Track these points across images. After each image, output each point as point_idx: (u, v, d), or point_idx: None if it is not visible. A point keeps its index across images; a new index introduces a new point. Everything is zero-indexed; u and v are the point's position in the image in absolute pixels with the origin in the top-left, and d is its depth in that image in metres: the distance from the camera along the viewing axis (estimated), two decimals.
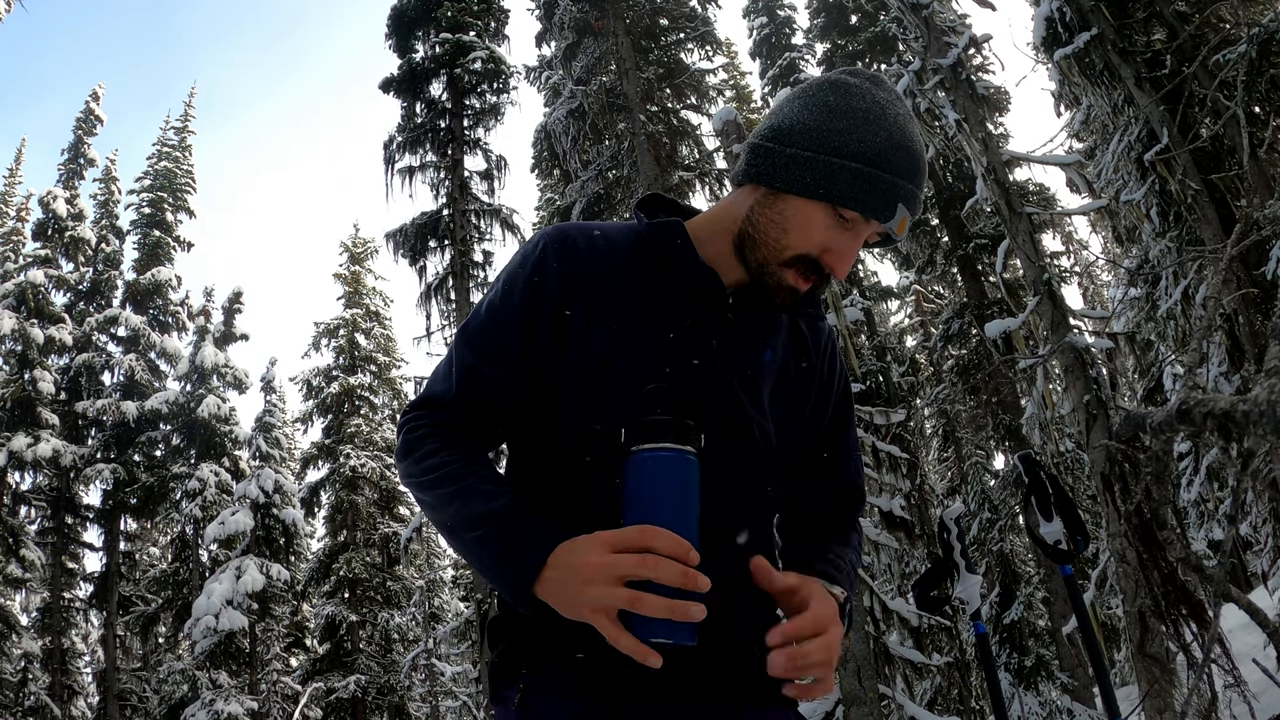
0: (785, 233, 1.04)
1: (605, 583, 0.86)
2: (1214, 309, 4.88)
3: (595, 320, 1.07)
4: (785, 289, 1.06)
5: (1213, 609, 1.42)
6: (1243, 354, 6.28)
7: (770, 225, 1.05)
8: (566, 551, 0.91)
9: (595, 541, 0.89)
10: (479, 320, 1.12)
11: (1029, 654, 11.59)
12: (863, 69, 1.10)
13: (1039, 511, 3.43)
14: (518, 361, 1.08)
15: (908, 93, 7.73)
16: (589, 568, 0.87)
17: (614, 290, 1.08)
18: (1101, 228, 13.78)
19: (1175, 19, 7.01)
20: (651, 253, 1.11)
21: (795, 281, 1.05)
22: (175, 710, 15.23)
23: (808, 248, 1.03)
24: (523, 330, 1.08)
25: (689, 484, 0.90)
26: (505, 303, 1.10)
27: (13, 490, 18.46)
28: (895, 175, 1.00)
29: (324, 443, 19.70)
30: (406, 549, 14.90)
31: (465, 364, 1.10)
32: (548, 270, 1.08)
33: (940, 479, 16.54)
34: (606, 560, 0.86)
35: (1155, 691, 4.97)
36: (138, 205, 21.87)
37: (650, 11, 11.44)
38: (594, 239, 1.12)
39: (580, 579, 0.88)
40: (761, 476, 1.12)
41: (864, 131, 1.00)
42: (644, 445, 0.90)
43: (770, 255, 1.05)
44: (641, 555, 0.85)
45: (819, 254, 1.04)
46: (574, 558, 0.90)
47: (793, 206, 1.03)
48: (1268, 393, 0.94)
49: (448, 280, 12.38)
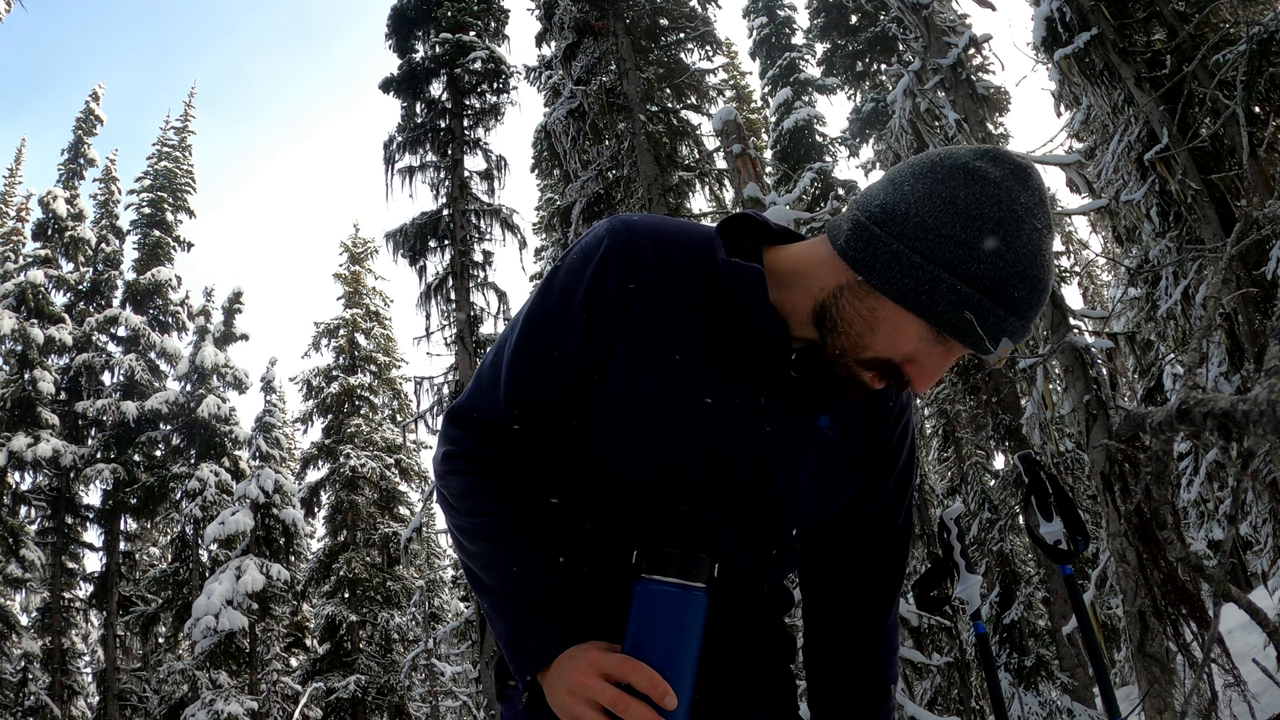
0: (872, 332, 0.93)
1: (583, 703, 0.91)
2: (1214, 309, 4.88)
3: (644, 352, 0.99)
4: (857, 384, 0.97)
5: (1213, 609, 1.42)
6: (1243, 354, 6.28)
7: (857, 319, 0.94)
8: (566, 659, 0.94)
9: (586, 660, 0.92)
10: (531, 330, 1.03)
11: (1029, 654, 11.59)
12: (1011, 154, 0.92)
13: (1039, 511, 3.43)
14: (570, 380, 1.01)
15: (908, 93, 7.73)
16: (574, 682, 0.92)
17: (671, 319, 0.99)
18: (1101, 228, 13.77)
19: (1175, 18, 7.00)
20: (718, 284, 1.00)
21: (871, 381, 0.96)
22: (175, 710, 15.22)
23: (892, 355, 0.94)
24: (581, 345, 1.00)
25: (690, 622, 0.93)
26: (563, 312, 1.00)
27: (13, 490, 18.46)
28: (1009, 311, 0.87)
29: (324, 443, 19.69)
30: (406, 549, 14.90)
31: (516, 383, 1.03)
32: (608, 289, 0.98)
33: (940, 479, 16.53)
34: (588, 683, 0.91)
35: (1155, 691, 4.97)
36: (138, 205, 21.86)
37: (650, 11, 11.43)
38: (665, 249, 1.01)
39: (565, 688, 0.93)
40: (776, 573, 1.14)
41: (987, 251, 0.86)
42: (653, 576, 0.93)
43: (850, 348, 0.95)
44: (617, 693, 0.89)
45: (902, 362, 0.94)
46: (567, 667, 0.94)
47: (886, 308, 0.91)
48: (1268, 392, 0.94)
49: (448, 280, 12.38)
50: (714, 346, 1.00)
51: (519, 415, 1.03)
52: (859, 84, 16.70)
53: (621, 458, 1.01)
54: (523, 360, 1.02)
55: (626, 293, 0.98)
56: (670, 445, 1.00)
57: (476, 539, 1.02)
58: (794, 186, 10.32)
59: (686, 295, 1.00)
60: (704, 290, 1.00)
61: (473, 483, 1.04)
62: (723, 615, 1.05)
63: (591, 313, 0.98)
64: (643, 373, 0.99)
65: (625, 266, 0.98)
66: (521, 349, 1.03)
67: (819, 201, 14.98)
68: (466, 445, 1.06)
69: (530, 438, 1.04)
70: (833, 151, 15.81)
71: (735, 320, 0.99)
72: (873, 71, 16.52)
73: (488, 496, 1.03)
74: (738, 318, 0.99)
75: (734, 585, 1.06)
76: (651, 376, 0.99)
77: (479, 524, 1.02)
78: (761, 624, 1.11)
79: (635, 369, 0.99)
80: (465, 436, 1.06)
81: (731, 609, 1.07)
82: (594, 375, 1.00)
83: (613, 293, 0.98)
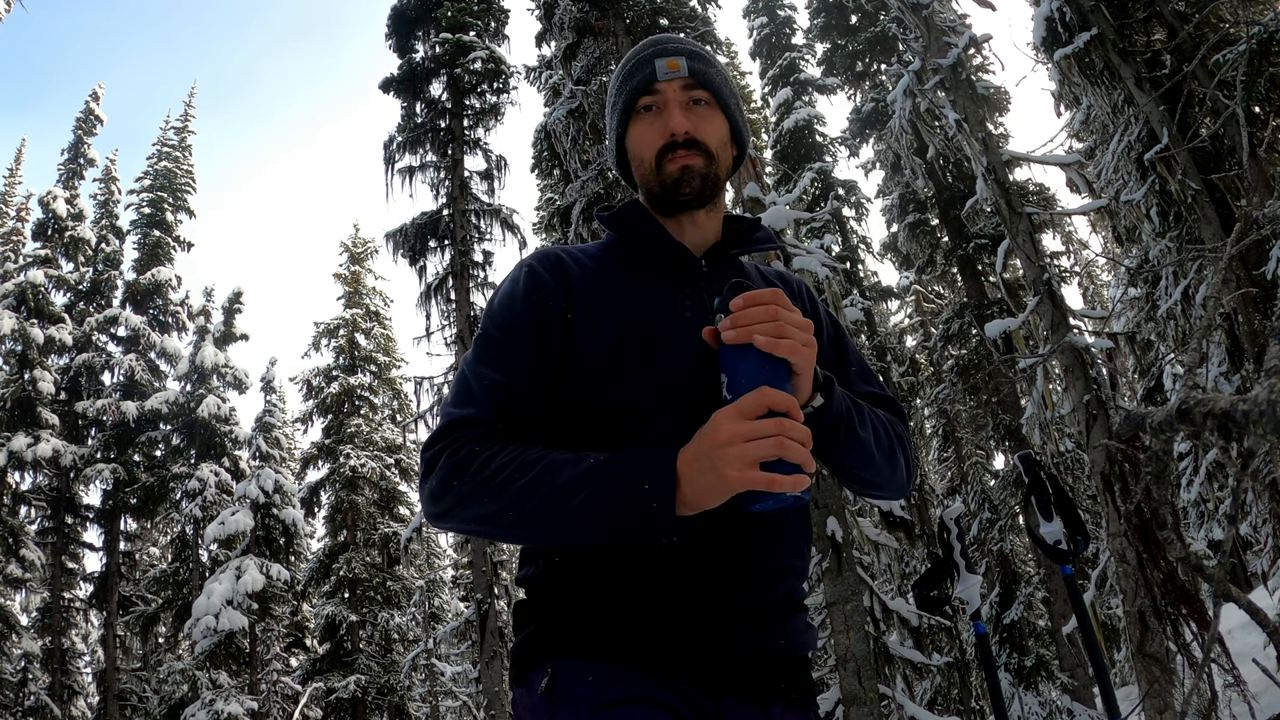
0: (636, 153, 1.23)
1: (751, 441, 0.91)
2: (1214, 309, 4.88)
3: (597, 319, 1.13)
4: (676, 180, 1.18)
5: (1213, 609, 1.42)
6: (1243, 354, 6.28)
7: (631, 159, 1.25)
8: (691, 446, 0.95)
9: (714, 423, 0.94)
10: (491, 342, 1.14)
11: (1029, 654, 11.60)
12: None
13: (1039, 511, 3.43)
14: (539, 372, 1.11)
15: (908, 93, 7.73)
16: (726, 433, 0.92)
17: (604, 288, 1.16)
18: (1101, 228, 13.77)
19: (1175, 18, 7.00)
20: (625, 245, 1.23)
21: (669, 164, 1.18)
22: (175, 710, 15.22)
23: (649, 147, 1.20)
24: (538, 341, 1.12)
25: (783, 361, 0.98)
26: (512, 320, 1.14)
27: (13, 490, 18.46)
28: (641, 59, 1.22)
29: (324, 443, 19.69)
30: (406, 549, 14.91)
31: (492, 382, 1.10)
32: (542, 283, 1.16)
33: (940, 479, 16.54)
34: (738, 428, 0.91)
35: (1155, 691, 4.96)
36: (138, 205, 21.86)
37: (650, 11, 11.43)
38: (573, 253, 1.22)
39: (717, 446, 0.92)
40: None
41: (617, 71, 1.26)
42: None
43: (644, 169, 1.22)
44: (777, 419, 0.91)
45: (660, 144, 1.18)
46: (702, 444, 0.94)
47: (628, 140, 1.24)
48: (1268, 392, 0.94)
49: (448, 280, 12.38)
50: (643, 285, 1.18)
51: (503, 411, 1.08)
52: (859, 84, 16.70)
53: (614, 402, 1.10)
54: (492, 368, 1.11)
55: (562, 287, 1.16)
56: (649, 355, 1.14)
57: (522, 472, 0.98)
58: (794, 186, 10.32)
59: (607, 268, 1.20)
60: (614, 256, 1.22)
61: (486, 447, 1.03)
62: (749, 619, 1.08)
63: (539, 312, 1.13)
64: (607, 337, 1.12)
65: (550, 270, 1.18)
66: (487, 359, 1.13)
67: (819, 201, 14.99)
68: (461, 439, 1.05)
69: (513, 432, 1.08)
70: (833, 151, 15.82)
71: (645, 255, 1.21)
72: (873, 71, 16.52)
73: (510, 449, 1.02)
74: (645, 251, 1.21)
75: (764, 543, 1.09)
76: (618, 336, 1.12)
77: (519, 464, 0.99)
78: (783, 623, 1.12)
79: (600, 337, 1.12)
80: (457, 435, 1.06)
81: (757, 614, 1.09)
82: (556, 363, 1.12)
83: (549, 290, 1.15)
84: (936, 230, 15.57)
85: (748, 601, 1.06)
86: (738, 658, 1.05)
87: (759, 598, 1.08)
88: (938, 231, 15.56)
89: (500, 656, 10.62)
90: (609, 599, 1.04)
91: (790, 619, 1.13)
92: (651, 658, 1.02)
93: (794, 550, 1.14)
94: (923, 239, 15.80)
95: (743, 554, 1.07)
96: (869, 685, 6.19)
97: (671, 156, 1.17)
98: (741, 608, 1.06)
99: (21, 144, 24.71)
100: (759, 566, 1.08)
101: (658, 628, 1.03)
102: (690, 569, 1.04)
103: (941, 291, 17.77)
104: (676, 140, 1.17)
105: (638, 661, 1.02)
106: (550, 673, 1.03)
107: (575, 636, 1.05)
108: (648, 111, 1.20)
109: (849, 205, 15.76)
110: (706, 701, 1.03)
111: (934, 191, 14.34)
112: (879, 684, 6.46)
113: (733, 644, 1.05)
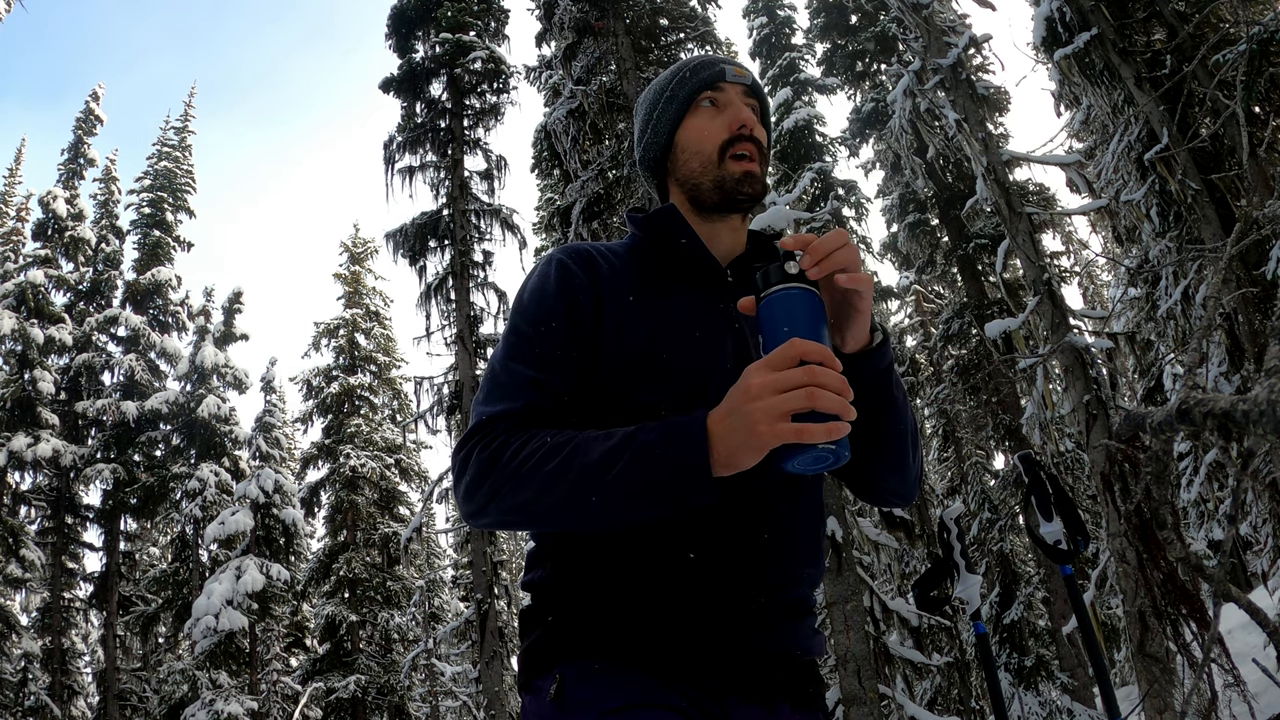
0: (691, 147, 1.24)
1: (782, 391, 0.86)
2: (1214, 309, 4.88)
3: (626, 321, 1.13)
4: (738, 181, 1.20)
5: (1213, 609, 1.42)
6: (1243, 354, 6.28)
7: (680, 152, 1.26)
8: (724, 404, 0.92)
9: (745, 378, 0.90)
10: (522, 337, 1.12)
11: (1029, 654, 11.60)
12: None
13: (1039, 511, 3.43)
14: (572, 367, 1.10)
15: (908, 93, 7.73)
16: (756, 386, 0.88)
17: (633, 291, 1.16)
18: (1101, 228, 13.77)
19: (1175, 18, 7.00)
20: (653, 249, 1.23)
21: (733, 165, 1.20)
22: (175, 710, 15.22)
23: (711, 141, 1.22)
24: (570, 335, 1.11)
25: (810, 313, 0.93)
26: (543, 314, 1.13)
27: (13, 490, 18.45)
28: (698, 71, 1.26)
29: (324, 443, 19.68)
30: (406, 549, 14.90)
31: (524, 378, 1.08)
32: (574, 278, 1.15)
33: (940, 479, 16.54)
34: (767, 380, 0.87)
35: (1155, 691, 4.97)
36: (138, 205, 21.86)
37: (650, 11, 11.42)
38: (602, 250, 1.22)
39: (750, 399, 0.88)
40: None
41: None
42: (772, 288, 0.94)
43: (696, 164, 1.23)
44: (807, 367, 0.86)
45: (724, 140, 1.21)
46: (735, 397, 0.90)
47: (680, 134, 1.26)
48: (1268, 392, 0.94)
49: (448, 280, 12.38)
50: (670, 290, 1.18)
51: (536, 405, 1.06)
52: (859, 84, 16.70)
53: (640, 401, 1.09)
54: (524, 364, 1.09)
55: (593, 281, 1.15)
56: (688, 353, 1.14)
57: (554, 455, 0.97)
58: (794, 186, 10.32)
59: (635, 267, 1.20)
60: (642, 257, 1.22)
61: (517, 436, 1.01)
62: (759, 619, 1.08)
63: (571, 306, 1.12)
64: (636, 337, 1.12)
65: (581, 264, 1.17)
66: (518, 354, 1.11)
67: (819, 201, 14.97)
68: (494, 430, 1.04)
69: (556, 398, 1.08)
70: (833, 151, 15.81)
71: (671, 258, 1.21)
72: (873, 71, 16.52)
73: (541, 435, 1.00)
74: (673, 254, 1.21)
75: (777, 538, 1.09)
76: (647, 337, 1.12)
77: (550, 447, 0.98)
78: (793, 624, 1.12)
79: (628, 336, 1.12)
80: (490, 428, 1.05)
81: (768, 613, 1.09)
82: (589, 356, 1.12)
83: (580, 283, 1.14)
84: (936, 230, 15.58)
85: (759, 605, 1.07)
86: (745, 659, 1.05)
87: (771, 602, 1.08)
88: (938, 231, 15.56)
89: (500, 656, 10.62)
90: (617, 602, 1.04)
91: (799, 623, 1.13)
92: (659, 661, 1.02)
93: (808, 557, 1.14)
94: (923, 239, 15.80)
95: (758, 559, 1.07)
96: (869, 685, 6.19)
97: (735, 150, 1.20)
98: (752, 611, 1.06)
99: (21, 144, 24.72)
100: (772, 572, 1.08)
101: (667, 631, 1.03)
102: (702, 572, 1.04)
103: (941, 291, 17.77)
104: (744, 133, 1.20)
105: (646, 665, 1.02)
106: (559, 679, 1.03)
107: (583, 641, 1.04)
108: (709, 106, 1.23)
109: (849, 205, 15.75)
110: (713, 704, 1.03)
111: (934, 191, 14.34)
112: (879, 684, 6.46)
113: (741, 646, 1.05)
